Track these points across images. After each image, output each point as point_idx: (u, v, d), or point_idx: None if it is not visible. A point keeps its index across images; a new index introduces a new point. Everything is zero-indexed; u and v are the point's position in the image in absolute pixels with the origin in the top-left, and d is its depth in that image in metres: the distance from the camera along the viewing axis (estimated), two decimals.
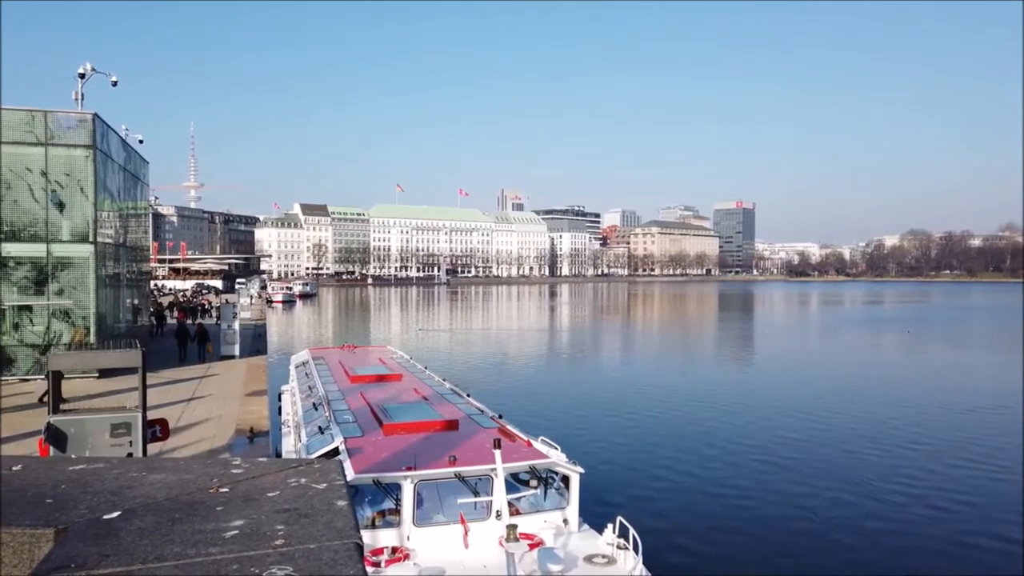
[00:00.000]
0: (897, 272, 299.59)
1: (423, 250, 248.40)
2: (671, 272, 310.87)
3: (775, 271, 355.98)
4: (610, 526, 9.93)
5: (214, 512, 1.96)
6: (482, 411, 14.04)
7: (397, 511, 9.86)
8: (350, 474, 9.47)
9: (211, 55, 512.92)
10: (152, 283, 63.37)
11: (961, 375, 39.46)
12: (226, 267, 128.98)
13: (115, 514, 1.94)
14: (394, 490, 9.87)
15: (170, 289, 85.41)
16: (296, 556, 1.61)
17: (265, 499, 2.05)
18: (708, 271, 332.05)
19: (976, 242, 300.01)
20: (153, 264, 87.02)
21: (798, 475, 19.37)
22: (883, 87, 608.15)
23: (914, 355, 50.36)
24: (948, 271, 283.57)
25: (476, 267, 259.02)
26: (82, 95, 25.84)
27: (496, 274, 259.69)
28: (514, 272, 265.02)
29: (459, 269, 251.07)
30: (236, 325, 28.69)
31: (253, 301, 70.70)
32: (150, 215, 46.42)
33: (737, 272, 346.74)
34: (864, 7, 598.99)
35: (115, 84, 28.15)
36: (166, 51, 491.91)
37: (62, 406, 9.36)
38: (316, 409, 14.17)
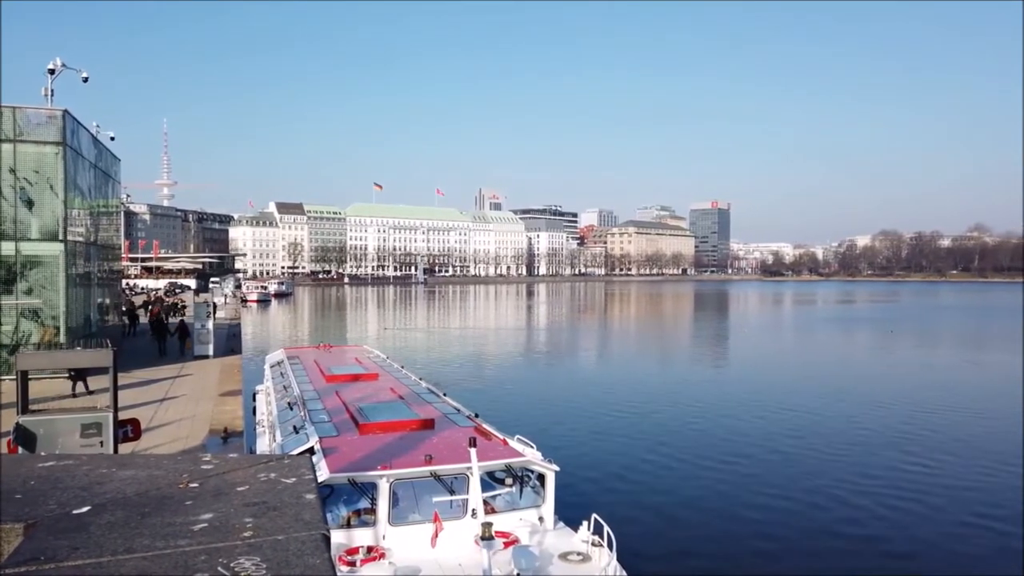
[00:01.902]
0: (869, 272, 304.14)
1: (400, 249, 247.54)
2: (647, 272, 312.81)
3: (749, 271, 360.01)
4: (585, 524, 10.02)
5: (183, 506, 1.98)
6: (458, 410, 14.08)
7: (373, 510, 9.86)
8: (325, 473, 9.46)
9: (186, 52, 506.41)
10: (124, 282, 62.45)
11: (939, 373, 40.21)
12: (200, 266, 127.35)
13: (85, 509, 1.96)
14: (369, 489, 9.87)
15: (142, 288, 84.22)
16: (264, 547, 1.65)
17: (234, 493, 2.08)
18: (684, 271, 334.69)
19: (945, 243, 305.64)
20: (125, 263, 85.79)
21: (772, 473, 19.63)
22: (859, 90, 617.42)
23: (893, 353, 51.17)
24: (918, 271, 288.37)
25: (454, 266, 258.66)
26: (52, 91, 25.40)
27: (474, 273, 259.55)
28: (492, 271, 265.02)
29: (437, 268, 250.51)
30: (210, 324, 28.41)
31: (227, 300, 70.01)
32: (122, 213, 45.73)
33: (712, 272, 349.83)
34: (840, 7, 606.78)
35: (86, 80, 27.72)
36: (138, 48, 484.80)
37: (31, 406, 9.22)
38: (291, 409, 14.11)
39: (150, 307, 41.26)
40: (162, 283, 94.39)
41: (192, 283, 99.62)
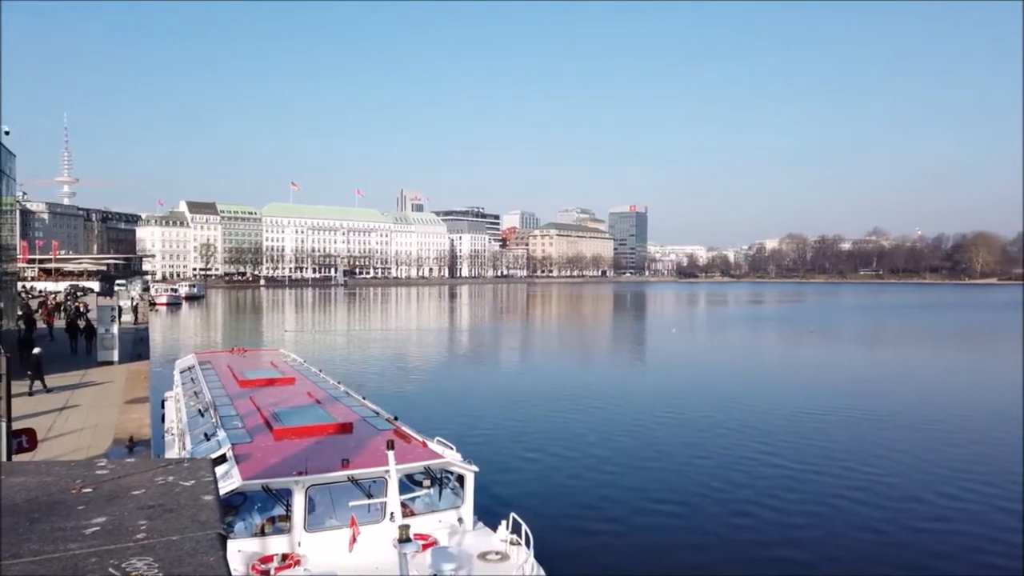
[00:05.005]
0: (777, 273, 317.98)
1: (319, 250, 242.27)
2: (568, 274, 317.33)
3: (665, 273, 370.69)
4: (504, 523, 10.13)
5: (75, 511, 1.94)
6: (377, 413, 13.97)
7: (288, 517, 9.69)
8: (238, 481, 9.24)
9: (90, 44, 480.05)
10: (20, 285, 58.84)
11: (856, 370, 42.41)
12: (104, 268, 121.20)
13: None
14: (285, 496, 9.70)
15: (40, 291, 79.52)
16: (157, 547, 1.64)
17: (129, 497, 2.05)
18: (603, 272, 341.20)
19: (846, 245, 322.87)
20: (21, 264, 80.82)
21: (688, 470, 20.23)
22: (764, 99, 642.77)
23: (796, 349, 53.61)
24: (822, 272, 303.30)
25: (375, 268, 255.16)
26: None
27: (395, 275, 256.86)
28: (413, 273, 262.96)
29: (357, 270, 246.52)
30: (115, 329, 27.14)
31: (134, 303, 66.85)
32: (17, 212, 43.11)
33: (631, 273, 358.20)
34: (759, 8, 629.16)
35: None
36: (37, 38, 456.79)
37: None
38: (202, 415, 13.69)
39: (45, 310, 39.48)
40: (62, 285, 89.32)
41: (95, 285, 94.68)
